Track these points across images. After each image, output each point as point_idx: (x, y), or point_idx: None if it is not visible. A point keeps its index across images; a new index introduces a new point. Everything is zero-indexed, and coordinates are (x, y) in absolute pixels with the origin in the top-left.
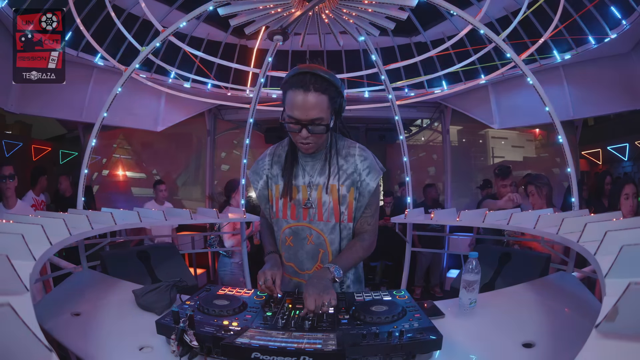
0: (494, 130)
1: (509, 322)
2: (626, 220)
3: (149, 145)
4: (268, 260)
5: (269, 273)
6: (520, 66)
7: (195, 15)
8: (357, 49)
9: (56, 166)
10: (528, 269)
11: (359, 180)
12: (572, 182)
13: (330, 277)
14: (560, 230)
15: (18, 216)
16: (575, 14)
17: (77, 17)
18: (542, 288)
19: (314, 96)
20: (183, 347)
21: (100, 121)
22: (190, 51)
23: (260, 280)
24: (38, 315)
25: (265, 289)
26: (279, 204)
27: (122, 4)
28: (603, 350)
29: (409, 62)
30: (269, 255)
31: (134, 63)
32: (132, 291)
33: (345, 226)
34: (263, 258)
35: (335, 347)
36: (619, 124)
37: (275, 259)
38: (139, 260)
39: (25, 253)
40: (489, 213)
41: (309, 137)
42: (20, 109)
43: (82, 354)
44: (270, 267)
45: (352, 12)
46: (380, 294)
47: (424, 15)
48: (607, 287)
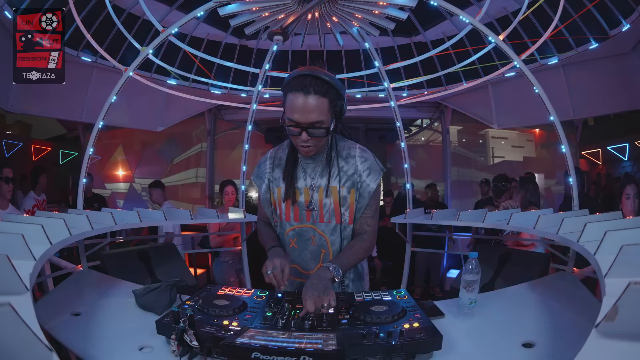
0: (494, 130)
1: (509, 322)
2: (626, 220)
3: (149, 145)
4: (272, 253)
5: (277, 261)
6: (522, 67)
7: (195, 16)
8: (357, 49)
9: (56, 166)
10: (528, 269)
11: (359, 181)
12: (573, 192)
13: (329, 276)
14: (560, 230)
15: (18, 216)
16: (575, 14)
17: (77, 17)
18: (542, 288)
19: (314, 99)
20: (183, 347)
21: (96, 130)
22: (190, 51)
23: (269, 268)
24: (38, 315)
25: (272, 279)
26: (281, 206)
27: (122, 4)
28: (603, 350)
29: (409, 62)
30: (272, 249)
31: (134, 63)
32: (132, 291)
33: (346, 227)
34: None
35: (335, 347)
36: (619, 124)
37: (280, 251)
38: (139, 260)
39: (25, 253)
40: (489, 213)
41: (309, 140)
42: (20, 109)
43: (82, 354)
44: (278, 257)
45: (352, 12)
46: (380, 294)
47: (424, 15)
48: (607, 287)
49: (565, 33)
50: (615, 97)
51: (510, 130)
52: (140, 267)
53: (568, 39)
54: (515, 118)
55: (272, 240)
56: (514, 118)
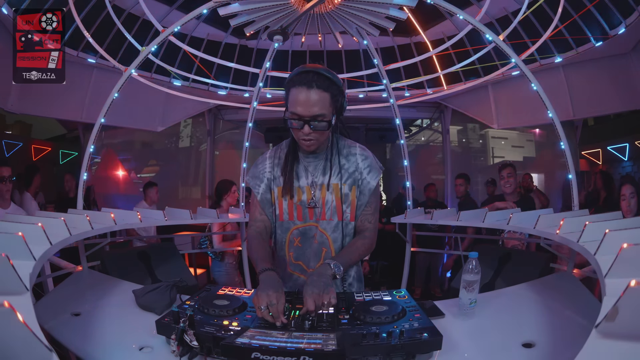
0: (494, 130)
1: (509, 322)
2: (626, 220)
3: (149, 145)
4: (266, 279)
5: (273, 295)
6: (522, 67)
7: (195, 15)
8: (357, 49)
9: (56, 166)
10: (528, 269)
11: (360, 178)
12: (573, 189)
13: (330, 273)
14: (560, 230)
15: (18, 216)
16: (575, 14)
17: (77, 17)
18: (542, 288)
19: (316, 93)
20: (183, 347)
21: (98, 126)
22: (190, 51)
23: (263, 303)
24: (38, 315)
25: (266, 315)
26: (283, 205)
27: (122, 4)
28: (603, 350)
29: (409, 62)
30: (265, 272)
31: (134, 63)
32: (132, 291)
33: (347, 224)
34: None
35: (335, 347)
36: (619, 124)
37: (274, 278)
38: (139, 260)
39: (25, 253)
40: (489, 213)
41: (311, 134)
42: (20, 109)
43: (82, 354)
44: (273, 287)
45: (352, 12)
46: (380, 294)
47: (424, 15)
48: (607, 287)
49: (565, 33)
50: (615, 97)
51: (510, 130)
52: (140, 267)
53: (568, 39)
54: (515, 118)
55: (265, 261)
56: (514, 118)
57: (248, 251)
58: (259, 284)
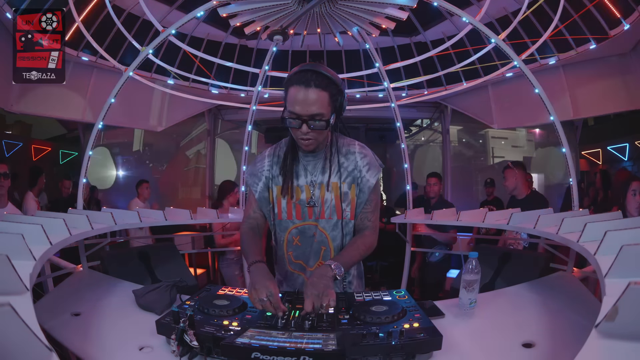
0: (494, 130)
1: (508, 322)
2: (626, 220)
3: (149, 145)
4: (256, 270)
5: (271, 286)
6: (522, 67)
7: (194, 15)
8: (357, 49)
9: (56, 166)
10: (528, 269)
11: (359, 176)
12: (574, 193)
13: (330, 274)
14: (560, 230)
15: (18, 216)
16: (575, 14)
17: (77, 17)
18: (542, 288)
19: (314, 92)
20: (183, 347)
21: (96, 130)
22: (190, 51)
23: (262, 295)
24: (38, 315)
25: (268, 306)
26: (282, 204)
27: (122, 4)
28: (603, 350)
29: (409, 62)
30: (255, 265)
31: (134, 63)
32: (132, 291)
33: (347, 223)
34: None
35: (335, 347)
36: (619, 124)
37: (264, 270)
38: (139, 260)
39: (25, 253)
40: (489, 213)
41: (309, 133)
42: (20, 109)
43: (82, 354)
44: (267, 278)
45: (352, 12)
46: (380, 294)
47: (424, 15)
48: (607, 287)
49: (565, 33)
50: (615, 97)
51: (510, 130)
52: (140, 267)
53: (568, 39)
54: (515, 118)
55: (256, 254)
56: (514, 118)
57: (240, 245)
58: (251, 276)
